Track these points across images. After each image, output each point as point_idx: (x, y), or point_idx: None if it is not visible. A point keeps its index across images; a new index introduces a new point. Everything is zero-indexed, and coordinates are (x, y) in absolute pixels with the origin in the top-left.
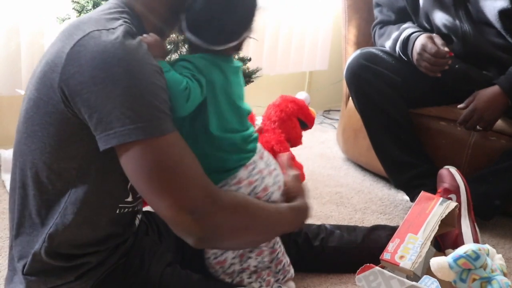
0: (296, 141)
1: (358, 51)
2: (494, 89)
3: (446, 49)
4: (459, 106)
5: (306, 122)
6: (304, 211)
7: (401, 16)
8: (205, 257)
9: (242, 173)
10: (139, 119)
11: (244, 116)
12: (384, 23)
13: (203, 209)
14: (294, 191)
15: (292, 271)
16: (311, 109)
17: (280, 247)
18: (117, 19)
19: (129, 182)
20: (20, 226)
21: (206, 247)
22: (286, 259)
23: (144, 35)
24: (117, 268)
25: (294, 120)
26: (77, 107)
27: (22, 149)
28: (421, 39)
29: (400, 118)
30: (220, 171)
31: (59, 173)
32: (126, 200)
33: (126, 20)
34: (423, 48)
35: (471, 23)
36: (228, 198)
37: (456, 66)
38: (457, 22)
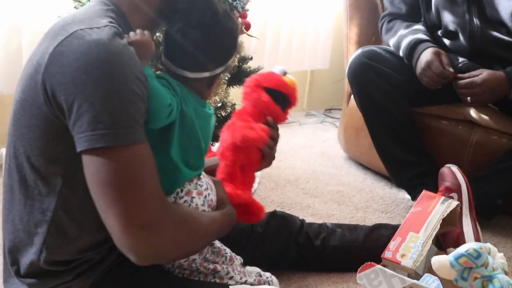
0: (274, 116)
1: (360, 50)
2: (501, 75)
3: (451, 69)
4: (469, 73)
5: (276, 89)
6: (233, 215)
7: (412, 10)
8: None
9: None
10: (112, 126)
11: (203, 154)
12: (393, 16)
13: (154, 224)
14: (219, 198)
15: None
16: (289, 76)
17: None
18: (102, 17)
19: None
20: (5, 231)
21: (147, 263)
22: (221, 246)
23: (131, 33)
24: (116, 266)
25: (259, 91)
26: (58, 108)
27: (11, 152)
28: (428, 55)
29: (402, 117)
30: None
31: (45, 177)
32: None
33: (111, 18)
34: (428, 65)
35: (482, 20)
36: (176, 213)
37: (460, 64)
38: (467, 18)
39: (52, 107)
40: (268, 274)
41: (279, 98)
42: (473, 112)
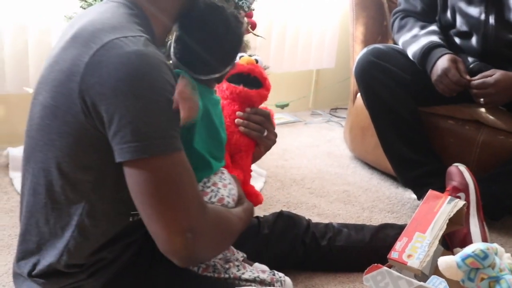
0: (245, 98)
1: (367, 48)
2: None
3: (468, 77)
4: (482, 74)
5: (233, 73)
6: (251, 210)
7: (428, 8)
8: None
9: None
10: (153, 136)
11: (223, 144)
12: (407, 12)
13: (197, 229)
14: (239, 194)
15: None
16: (244, 57)
17: None
18: (131, 24)
19: None
20: (26, 233)
21: (191, 265)
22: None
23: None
24: (128, 266)
25: (220, 84)
26: (98, 118)
27: (37, 156)
28: (445, 62)
29: (409, 116)
30: None
31: (74, 184)
32: None
33: (138, 25)
34: (445, 72)
35: (498, 21)
36: (213, 215)
37: (471, 65)
38: (483, 19)
39: (90, 117)
40: (281, 274)
41: (240, 79)
42: (480, 112)
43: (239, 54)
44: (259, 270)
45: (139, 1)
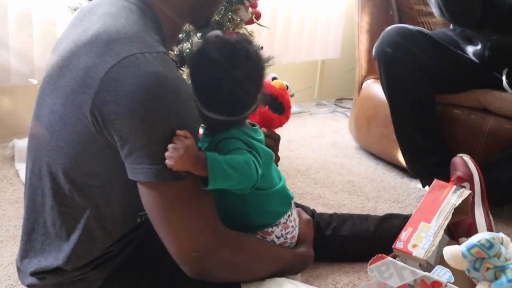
0: (268, 120)
1: (394, 26)
2: None
3: None
4: None
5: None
6: (307, 258)
7: None
8: None
9: (283, 218)
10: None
11: (278, 173)
12: None
13: (206, 251)
14: (303, 236)
15: None
16: (277, 80)
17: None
18: (147, 32)
19: None
20: (32, 231)
21: (203, 278)
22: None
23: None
24: (131, 258)
25: None
26: (109, 134)
27: (44, 160)
28: None
29: (426, 101)
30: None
31: (81, 188)
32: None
33: (155, 33)
34: None
35: None
36: (233, 239)
37: (494, 37)
38: None
39: (101, 130)
40: None
41: (268, 100)
42: (486, 98)
43: (272, 76)
44: None
45: (151, 2)
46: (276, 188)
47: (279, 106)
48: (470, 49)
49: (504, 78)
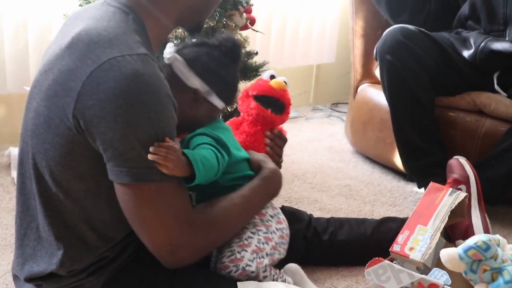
0: (268, 120)
1: (397, 26)
2: None
3: None
4: None
5: (263, 94)
6: (274, 176)
7: None
8: (218, 259)
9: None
10: (144, 165)
11: (242, 161)
12: None
13: (179, 244)
14: (255, 161)
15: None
16: (277, 79)
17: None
18: (128, 35)
19: None
20: (24, 237)
21: (180, 267)
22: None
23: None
24: (129, 263)
25: (248, 99)
26: (91, 137)
27: (31, 163)
28: None
29: (427, 102)
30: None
31: (69, 191)
32: None
33: (136, 34)
34: None
35: None
36: (203, 220)
37: (485, 40)
38: None
39: (83, 133)
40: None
41: (269, 102)
42: (481, 99)
43: (269, 74)
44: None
45: (136, 5)
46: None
47: (281, 107)
48: (464, 52)
49: (495, 81)
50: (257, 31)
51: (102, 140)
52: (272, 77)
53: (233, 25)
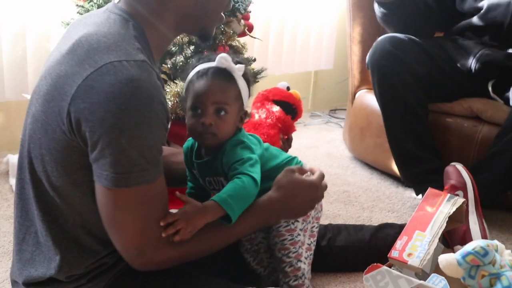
0: (286, 124)
1: (386, 36)
2: None
3: None
4: None
5: (284, 100)
6: (278, 202)
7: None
8: (274, 228)
9: None
10: (128, 170)
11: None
12: None
13: (148, 249)
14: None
15: None
16: (295, 91)
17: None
18: (128, 41)
19: None
20: (22, 242)
21: (147, 271)
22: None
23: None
24: (129, 270)
25: (269, 103)
26: (83, 140)
27: (28, 168)
28: None
29: (419, 110)
30: None
31: (65, 197)
32: None
33: (136, 40)
34: None
35: None
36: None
37: (482, 50)
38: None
39: (75, 137)
40: None
41: (286, 109)
42: (478, 106)
43: (285, 85)
44: None
45: (136, 13)
46: (279, 161)
47: (295, 115)
48: (460, 60)
49: (490, 89)
50: (255, 37)
51: (90, 142)
52: (288, 88)
53: (231, 31)
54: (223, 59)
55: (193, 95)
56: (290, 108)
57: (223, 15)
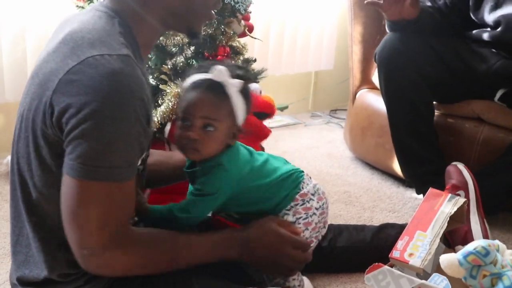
0: (258, 132)
1: (396, 33)
2: None
3: None
4: None
5: (263, 112)
6: (243, 242)
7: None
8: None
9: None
10: (102, 162)
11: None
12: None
13: (95, 249)
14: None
15: None
16: (268, 95)
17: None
18: (112, 37)
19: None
20: (16, 243)
21: (93, 274)
22: None
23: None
24: None
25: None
26: (59, 128)
27: (17, 169)
28: None
29: (425, 109)
30: None
31: (47, 196)
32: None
33: (121, 36)
34: None
35: None
36: (130, 241)
37: (500, 61)
38: None
39: (56, 131)
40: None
41: (264, 117)
42: (480, 107)
43: (259, 89)
44: None
45: (122, 11)
46: (272, 179)
47: (264, 117)
48: (475, 65)
49: (497, 95)
50: (255, 38)
51: (65, 133)
52: (260, 92)
53: (231, 32)
54: (219, 72)
55: (184, 106)
56: (268, 116)
57: (212, 12)
